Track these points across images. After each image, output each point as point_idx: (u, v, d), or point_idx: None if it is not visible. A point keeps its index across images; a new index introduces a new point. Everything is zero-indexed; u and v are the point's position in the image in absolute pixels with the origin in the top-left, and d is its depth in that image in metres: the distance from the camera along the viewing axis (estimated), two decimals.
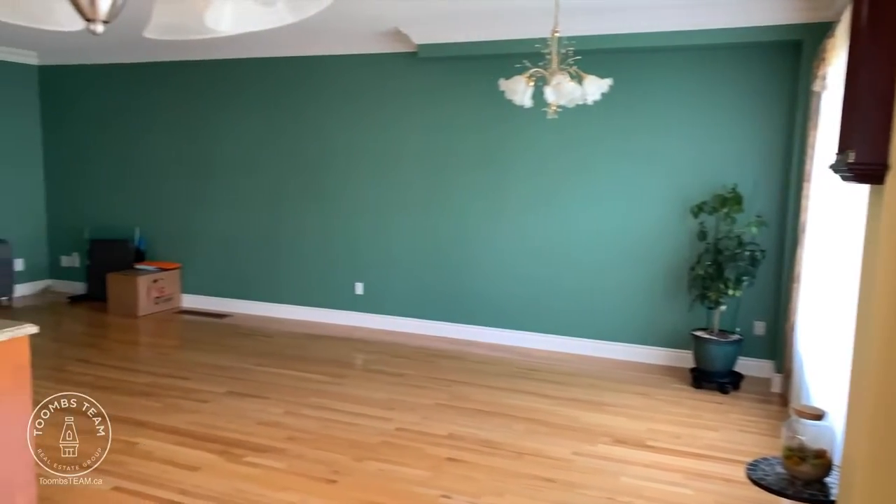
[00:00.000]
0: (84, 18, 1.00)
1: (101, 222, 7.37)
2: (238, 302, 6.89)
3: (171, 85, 6.96)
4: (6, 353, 2.67)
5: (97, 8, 0.98)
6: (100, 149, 7.36)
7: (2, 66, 7.11)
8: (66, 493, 3.19)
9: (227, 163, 6.82)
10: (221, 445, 3.76)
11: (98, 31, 1.03)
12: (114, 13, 1.00)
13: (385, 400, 4.53)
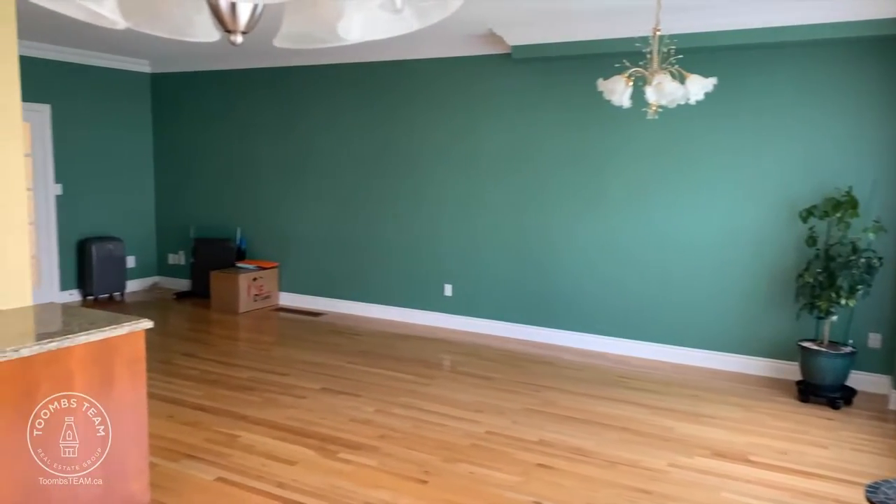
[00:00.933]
0: (224, 30, 1.04)
1: (206, 222, 7.75)
2: (332, 301, 7.07)
3: (271, 90, 7.23)
4: (125, 346, 2.84)
5: (238, 19, 1.02)
6: (205, 152, 7.75)
7: (118, 74, 7.60)
8: (174, 481, 3.36)
9: (322, 165, 7.02)
10: (317, 441, 3.86)
11: (238, 41, 1.07)
12: (252, 24, 1.04)
13: (473, 402, 4.52)
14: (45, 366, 2.55)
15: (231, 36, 1.06)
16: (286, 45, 1.12)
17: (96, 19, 1.01)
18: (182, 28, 1.07)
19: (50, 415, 2.57)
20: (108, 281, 7.36)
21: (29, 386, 2.50)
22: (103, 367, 2.76)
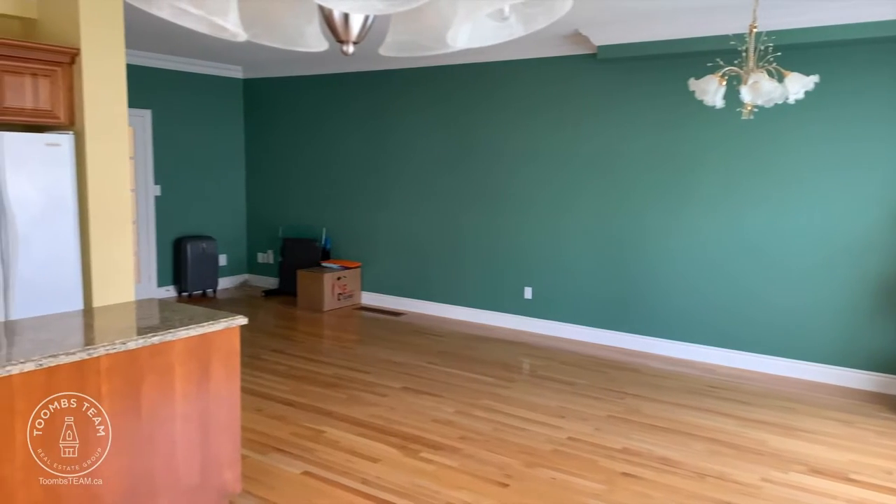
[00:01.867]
0: (337, 40, 1.07)
1: (293, 222, 8.00)
2: (412, 301, 7.15)
3: (358, 93, 7.39)
4: (221, 341, 2.96)
5: (350, 30, 1.04)
6: (293, 154, 7.99)
7: (213, 80, 7.95)
8: (263, 473, 3.48)
9: (404, 166, 7.12)
10: (400, 440, 3.91)
11: (349, 51, 1.10)
12: (363, 34, 1.06)
13: (555, 408, 4.47)
14: (149, 358, 2.69)
15: (343, 46, 1.09)
16: (391, 54, 1.14)
17: (218, 32, 1.06)
18: (294, 39, 1.11)
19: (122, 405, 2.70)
20: (201, 278, 7.70)
21: (134, 377, 2.65)
22: (201, 360, 2.89)
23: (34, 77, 4.06)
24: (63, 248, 4.11)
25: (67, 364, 2.41)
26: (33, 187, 3.95)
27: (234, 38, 1.05)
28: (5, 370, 2.23)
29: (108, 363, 2.54)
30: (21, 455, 2.30)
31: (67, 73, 4.19)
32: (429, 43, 1.08)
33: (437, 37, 1.05)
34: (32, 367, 2.30)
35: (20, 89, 4.01)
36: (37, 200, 3.97)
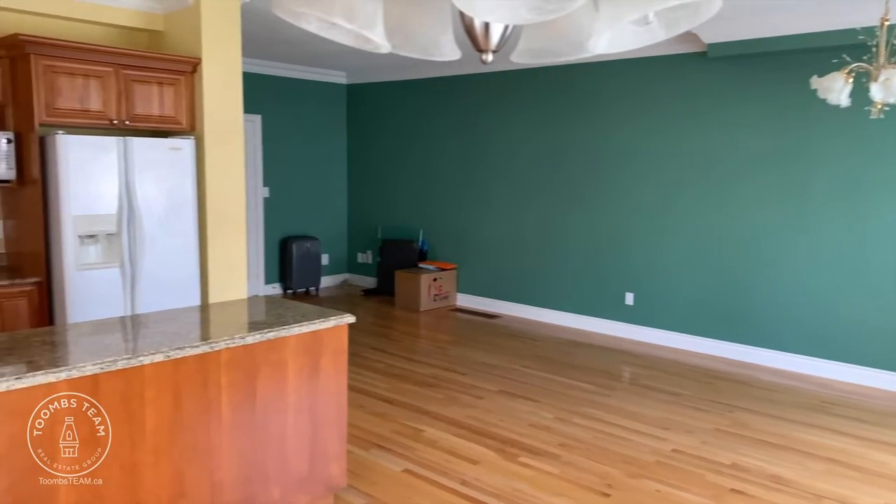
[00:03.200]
0: (476, 49, 1.08)
1: (392, 223, 8.16)
2: (508, 304, 7.14)
3: (458, 96, 7.45)
4: (331, 338, 3.06)
5: (490, 39, 1.06)
6: (392, 157, 8.16)
7: (318, 86, 8.23)
8: (365, 469, 3.56)
9: (502, 168, 7.11)
10: (497, 442, 3.91)
11: (488, 60, 1.11)
12: (502, 43, 1.07)
13: (659, 418, 4.34)
14: (264, 352, 2.81)
15: (483, 55, 1.10)
16: (524, 61, 1.14)
17: (362, 44, 1.09)
18: (429, 49, 1.13)
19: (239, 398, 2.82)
20: (305, 276, 7.99)
21: (251, 370, 2.78)
22: (311, 356, 3.00)
23: (160, 86, 4.33)
24: (183, 247, 4.37)
25: (192, 356, 2.56)
26: (158, 189, 4.22)
27: (376, 50, 1.08)
28: (138, 360, 2.40)
29: (227, 356, 2.68)
30: (151, 440, 2.46)
31: (189, 82, 4.46)
32: (563, 49, 1.07)
33: (572, 43, 1.04)
34: (161, 359, 2.46)
35: (148, 97, 4.29)
36: (161, 201, 4.24)
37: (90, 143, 3.94)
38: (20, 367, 2.21)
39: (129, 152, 4.07)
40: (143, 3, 4.57)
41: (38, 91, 3.82)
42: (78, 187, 3.88)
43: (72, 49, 3.94)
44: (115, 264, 4.09)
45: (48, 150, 3.89)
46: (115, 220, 4.05)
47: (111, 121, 4.13)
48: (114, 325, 3.01)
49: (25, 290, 3.89)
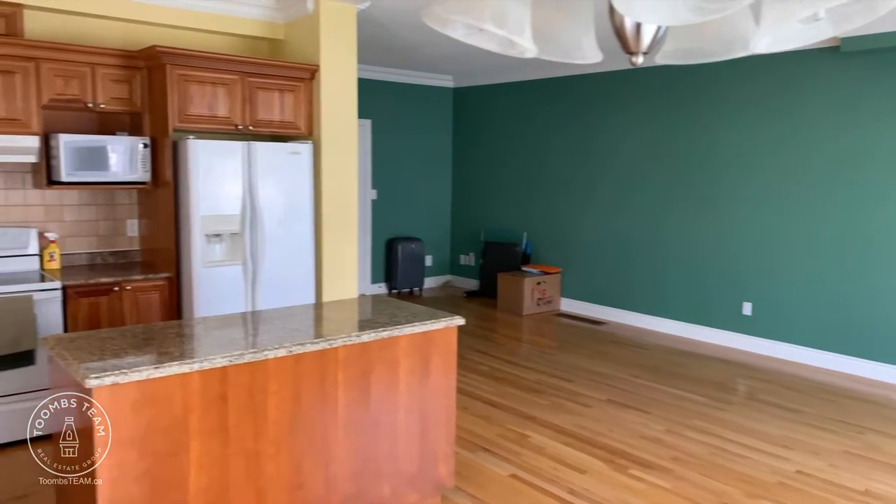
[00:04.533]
0: (626, 51, 1.06)
1: (495, 226, 8.16)
2: (614, 310, 6.96)
3: (563, 99, 7.36)
4: (441, 339, 3.09)
5: (641, 41, 1.03)
6: (496, 159, 8.16)
7: (425, 90, 8.35)
8: (472, 471, 3.57)
9: (608, 170, 6.94)
10: (606, 453, 3.81)
11: (638, 62, 1.08)
12: (654, 45, 1.04)
13: (779, 436, 4.09)
14: (378, 351, 2.87)
15: (632, 57, 1.08)
16: (669, 62, 1.10)
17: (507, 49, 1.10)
18: (570, 51, 1.11)
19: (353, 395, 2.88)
20: (409, 277, 8.14)
21: (365, 367, 2.84)
22: (422, 356, 3.04)
23: (281, 92, 4.53)
24: (300, 246, 4.55)
25: (312, 352, 2.65)
26: (278, 191, 4.42)
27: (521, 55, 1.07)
28: (263, 354, 2.51)
29: (344, 353, 2.76)
30: (273, 431, 2.57)
31: (308, 88, 4.64)
32: (715, 49, 1.03)
33: (725, 42, 1.00)
34: (284, 354, 2.56)
35: (269, 103, 4.50)
36: (280, 203, 4.43)
37: (217, 147, 4.18)
38: (158, 357, 2.37)
39: (252, 156, 4.28)
40: (266, 13, 4.80)
41: (172, 99, 4.09)
42: (206, 189, 4.12)
43: (203, 59, 4.19)
44: (238, 262, 4.31)
45: (180, 154, 4.15)
46: (238, 220, 4.27)
47: (236, 126, 4.36)
48: (238, 320, 3.16)
49: (158, 285, 4.17)
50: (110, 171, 4.08)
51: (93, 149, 4.02)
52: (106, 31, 4.34)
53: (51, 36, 4.09)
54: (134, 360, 2.33)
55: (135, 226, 4.61)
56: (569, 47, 1.11)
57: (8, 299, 3.59)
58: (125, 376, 2.17)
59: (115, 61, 4.12)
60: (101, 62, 4.07)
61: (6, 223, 4.14)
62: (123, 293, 4.01)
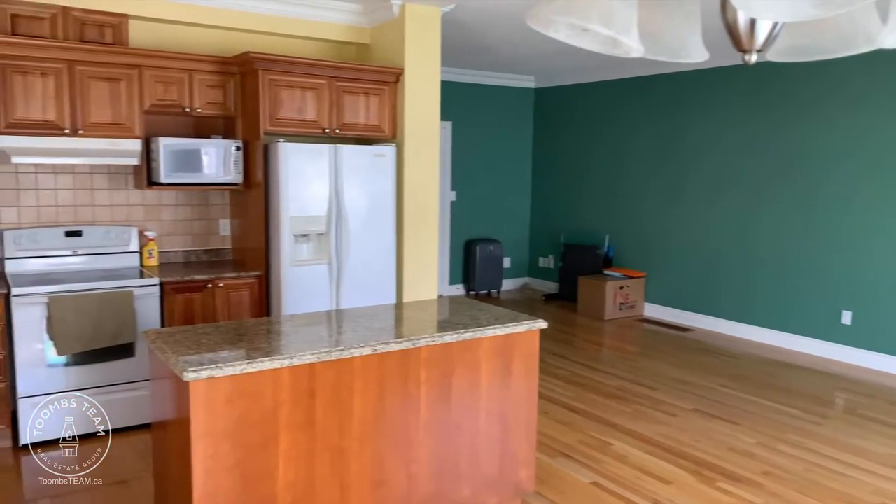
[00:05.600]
0: (738, 49, 1.02)
1: (575, 228, 8.03)
2: (701, 317, 6.72)
3: (647, 98, 7.17)
4: (523, 342, 3.06)
5: (755, 38, 0.99)
6: (578, 160, 8.03)
7: (506, 91, 8.32)
8: (552, 477, 3.52)
9: (695, 172, 6.71)
10: (692, 464, 3.68)
11: (752, 61, 1.04)
12: (769, 42, 1.00)
13: (884, 455, 3.83)
14: (460, 352, 2.88)
15: (745, 56, 1.03)
16: (783, 59, 1.05)
17: (610, 49, 1.07)
18: (677, 50, 1.08)
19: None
20: (487, 279, 8.12)
21: (447, 368, 2.85)
22: (504, 359, 3.02)
23: (367, 96, 4.62)
24: (382, 247, 4.62)
25: (395, 351, 2.68)
26: (362, 193, 4.50)
27: (625, 55, 1.05)
28: (349, 352, 2.55)
29: (426, 353, 2.78)
30: (357, 428, 2.61)
31: (392, 91, 4.70)
32: (833, 45, 0.97)
33: (845, 38, 0.94)
34: (369, 352, 2.60)
35: (355, 107, 4.59)
36: (364, 204, 4.52)
37: (306, 150, 4.30)
38: (251, 353, 2.45)
39: (338, 159, 4.38)
40: (353, 18, 4.90)
41: (263, 103, 4.23)
42: (294, 191, 4.25)
43: (293, 64, 4.32)
44: (324, 261, 4.42)
45: (270, 157, 4.29)
46: (324, 221, 4.38)
47: (323, 129, 4.48)
48: (325, 318, 3.24)
49: (248, 283, 4.32)
50: (205, 172, 4.27)
51: (189, 151, 4.21)
52: (201, 39, 4.54)
53: (152, 44, 4.32)
54: (228, 354, 2.42)
55: (227, 225, 4.80)
56: (675, 46, 1.07)
57: (111, 294, 3.81)
58: (220, 370, 2.26)
59: (210, 67, 4.30)
60: (197, 68, 4.26)
61: (110, 222, 4.39)
62: (216, 290, 4.18)
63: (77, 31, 4.01)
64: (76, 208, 4.30)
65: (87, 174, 4.31)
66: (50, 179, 4.22)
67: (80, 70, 3.91)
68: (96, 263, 4.25)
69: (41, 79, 3.82)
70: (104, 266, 4.25)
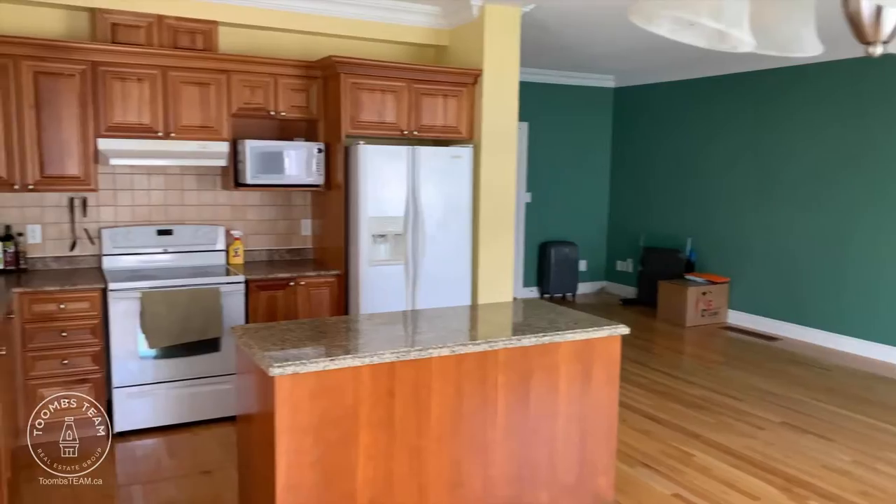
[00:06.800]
0: (861, 41, 0.96)
1: (655, 231, 7.81)
2: (790, 326, 6.40)
3: (733, 96, 6.90)
4: (603, 348, 2.99)
5: (881, 29, 0.93)
6: (659, 161, 7.81)
7: (584, 91, 8.18)
8: (632, 486, 3.42)
9: (791, 174, 6.40)
10: (782, 480, 3.50)
11: (877, 53, 0.98)
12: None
13: None
14: (538, 356, 2.84)
15: (869, 47, 0.97)
16: None
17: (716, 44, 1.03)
18: (788, 45, 1.02)
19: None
20: (562, 281, 8.01)
21: (525, 372, 2.81)
22: (583, 364, 2.96)
23: (445, 98, 4.63)
24: (458, 249, 4.62)
25: (473, 353, 2.67)
26: (438, 194, 4.52)
27: (733, 50, 1.00)
28: (427, 353, 2.56)
29: (504, 356, 2.75)
30: (435, 428, 2.61)
31: (470, 93, 4.70)
32: None
33: None
34: (447, 353, 2.60)
35: (433, 109, 4.61)
36: (440, 206, 4.53)
37: (385, 152, 4.35)
38: (333, 350, 2.49)
39: (416, 160, 4.41)
40: (432, 20, 4.93)
41: (345, 106, 4.31)
42: (373, 192, 4.31)
43: (374, 67, 4.38)
44: (400, 262, 4.45)
45: (350, 159, 4.36)
46: (401, 221, 4.42)
47: (402, 131, 4.52)
48: (402, 318, 3.26)
49: (328, 281, 4.41)
50: (288, 174, 4.38)
51: (274, 154, 4.34)
52: (285, 44, 4.66)
53: (239, 50, 4.47)
54: (311, 351, 2.47)
55: (308, 225, 4.92)
56: (786, 41, 1.01)
57: (199, 291, 3.95)
58: (304, 366, 2.30)
59: (294, 71, 4.42)
60: (282, 73, 4.38)
61: (199, 221, 4.57)
62: (297, 288, 4.28)
63: (171, 38, 4.19)
64: (167, 208, 4.49)
65: (177, 175, 4.49)
66: (144, 180, 4.42)
67: (172, 76, 4.08)
68: (185, 261, 4.43)
69: (137, 84, 4.02)
70: (193, 263, 4.43)
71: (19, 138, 3.79)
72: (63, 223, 4.23)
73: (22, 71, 3.75)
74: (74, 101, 3.88)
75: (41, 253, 4.19)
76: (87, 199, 4.25)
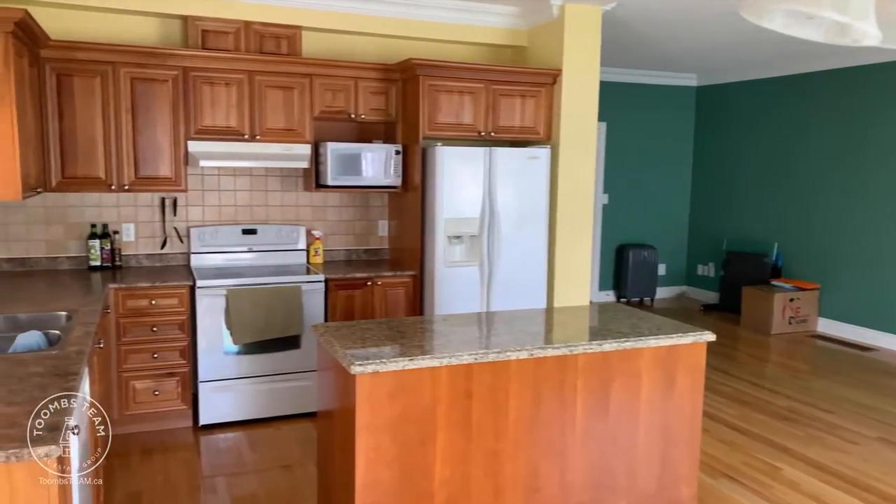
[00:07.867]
0: None
1: (739, 235, 7.52)
2: (886, 335, 6.04)
3: (823, 94, 6.55)
4: (688, 355, 2.89)
5: None
6: (745, 162, 7.51)
7: (665, 90, 7.95)
8: (714, 498, 3.31)
9: (885, 177, 6.03)
10: (878, 499, 3.30)
11: None
12: None
13: None
14: (619, 361, 2.77)
15: None
16: None
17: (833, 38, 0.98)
18: None
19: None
20: (640, 285, 7.81)
21: (605, 377, 2.75)
22: (666, 371, 2.87)
23: (522, 98, 4.60)
24: (534, 251, 4.58)
25: (552, 357, 2.63)
26: (514, 195, 4.48)
27: (854, 44, 0.95)
28: (506, 355, 2.54)
29: (584, 361, 2.70)
30: (512, 432, 2.59)
31: (549, 93, 4.65)
32: None
33: None
34: (526, 356, 2.57)
35: (511, 110, 4.59)
36: (516, 207, 4.50)
37: (461, 153, 4.35)
38: (411, 350, 2.50)
39: (492, 161, 4.40)
40: (510, 21, 4.90)
41: (423, 108, 4.34)
42: (450, 193, 4.32)
43: (452, 69, 4.40)
44: (476, 263, 4.45)
45: (428, 160, 4.39)
46: (477, 223, 4.41)
47: (479, 133, 4.51)
48: (479, 319, 3.25)
49: (404, 281, 4.45)
50: (367, 175, 4.45)
51: (353, 155, 4.41)
52: (364, 47, 4.74)
53: (320, 54, 4.57)
54: (390, 350, 2.49)
55: (385, 226, 4.98)
56: None
57: (282, 289, 4.07)
58: (384, 365, 2.33)
59: (373, 74, 4.48)
60: (362, 76, 4.45)
61: (281, 221, 4.70)
62: (375, 287, 4.34)
63: (257, 43, 4.33)
64: (251, 208, 4.64)
65: (262, 177, 4.64)
66: (230, 181, 4.58)
67: (258, 80, 4.22)
68: (268, 260, 4.56)
69: (225, 89, 4.17)
70: (275, 262, 4.56)
71: (116, 141, 4.00)
72: (155, 222, 4.44)
73: (120, 77, 3.96)
74: (167, 105, 4.06)
75: (134, 250, 4.41)
76: (177, 200, 4.44)
